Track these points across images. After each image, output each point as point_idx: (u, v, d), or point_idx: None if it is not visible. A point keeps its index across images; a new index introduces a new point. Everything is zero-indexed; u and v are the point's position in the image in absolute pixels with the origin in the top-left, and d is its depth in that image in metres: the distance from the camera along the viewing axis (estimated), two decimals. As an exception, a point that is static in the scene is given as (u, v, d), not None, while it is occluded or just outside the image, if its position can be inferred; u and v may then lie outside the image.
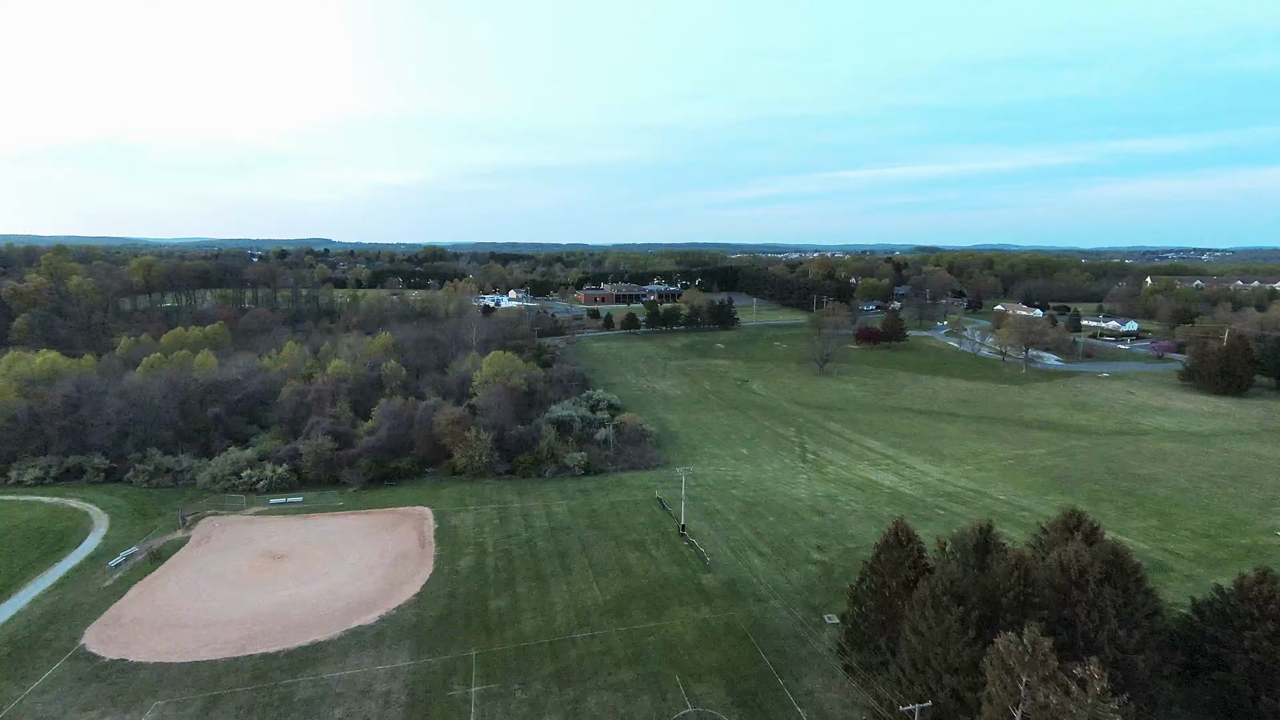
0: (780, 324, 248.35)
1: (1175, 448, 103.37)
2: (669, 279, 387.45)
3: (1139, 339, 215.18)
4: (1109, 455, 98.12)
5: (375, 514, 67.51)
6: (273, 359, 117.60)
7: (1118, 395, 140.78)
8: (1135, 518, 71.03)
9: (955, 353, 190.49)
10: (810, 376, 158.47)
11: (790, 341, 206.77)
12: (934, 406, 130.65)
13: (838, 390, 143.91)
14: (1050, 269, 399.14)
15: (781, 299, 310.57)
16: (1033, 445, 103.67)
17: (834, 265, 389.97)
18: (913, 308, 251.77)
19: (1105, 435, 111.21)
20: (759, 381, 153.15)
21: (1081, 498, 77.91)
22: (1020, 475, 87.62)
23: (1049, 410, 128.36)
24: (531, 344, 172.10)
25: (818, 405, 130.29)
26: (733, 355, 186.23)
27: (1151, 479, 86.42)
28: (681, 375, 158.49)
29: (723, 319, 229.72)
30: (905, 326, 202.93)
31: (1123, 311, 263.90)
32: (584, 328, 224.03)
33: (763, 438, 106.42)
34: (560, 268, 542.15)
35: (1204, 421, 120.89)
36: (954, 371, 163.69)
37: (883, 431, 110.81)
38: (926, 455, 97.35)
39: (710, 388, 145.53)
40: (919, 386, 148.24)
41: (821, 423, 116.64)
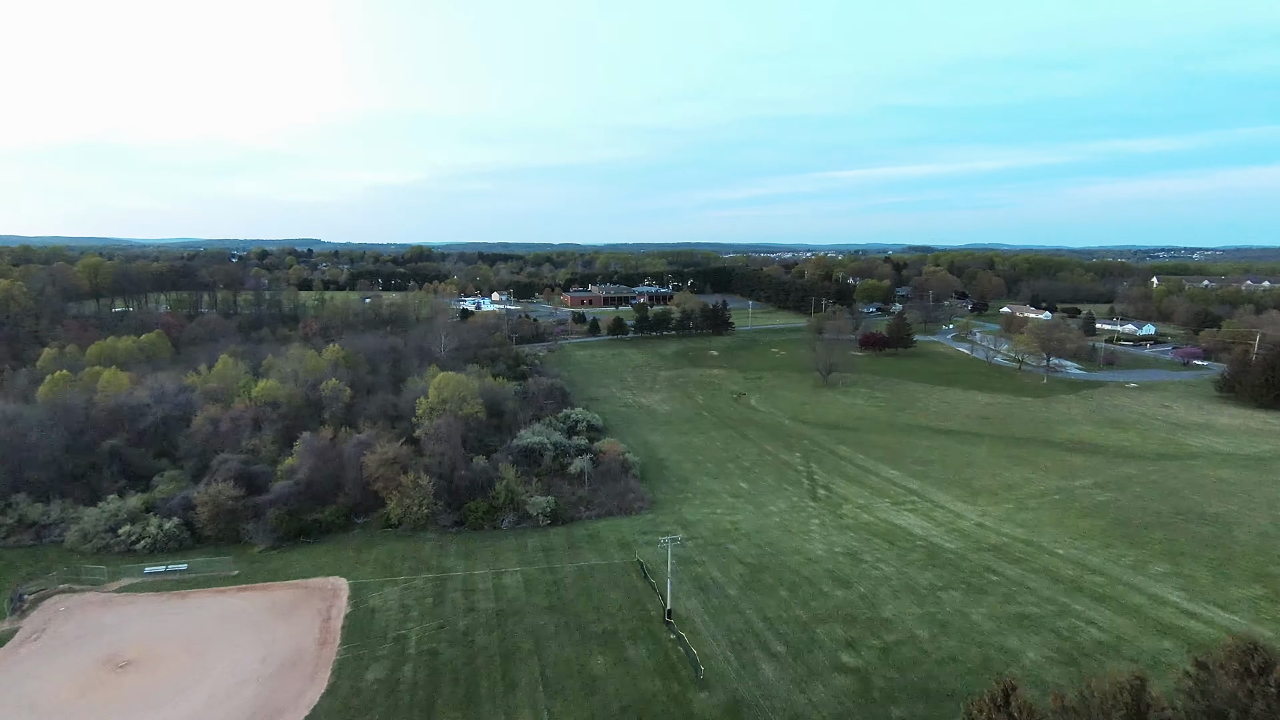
0: (777, 328, 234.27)
1: (1235, 476, 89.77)
2: (660, 280, 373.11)
3: (1158, 343, 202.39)
4: (1166, 488, 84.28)
5: (275, 589, 52.61)
6: (201, 376, 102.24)
7: (1153, 410, 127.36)
8: (1234, 582, 56.97)
9: (967, 360, 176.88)
10: (813, 388, 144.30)
11: (789, 348, 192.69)
12: (953, 425, 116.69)
13: (845, 405, 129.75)
14: (1053, 269, 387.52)
15: (778, 301, 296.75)
16: (1075, 474, 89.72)
17: (831, 265, 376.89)
18: (917, 310, 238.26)
19: (1151, 460, 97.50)
20: (757, 395, 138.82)
21: (1156, 550, 63.92)
22: (1072, 517, 73.56)
23: (1081, 428, 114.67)
24: (508, 353, 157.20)
25: (824, 424, 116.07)
26: (727, 364, 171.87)
27: (1227, 521, 72.59)
28: (672, 388, 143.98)
29: (716, 323, 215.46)
30: (912, 331, 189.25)
31: (1136, 313, 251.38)
32: (568, 333, 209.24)
33: (764, 466, 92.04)
34: (549, 268, 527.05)
35: (1256, 442, 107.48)
36: (970, 382, 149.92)
37: (901, 457, 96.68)
38: (956, 489, 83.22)
39: (703, 403, 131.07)
40: (934, 400, 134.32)
41: (830, 446, 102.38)
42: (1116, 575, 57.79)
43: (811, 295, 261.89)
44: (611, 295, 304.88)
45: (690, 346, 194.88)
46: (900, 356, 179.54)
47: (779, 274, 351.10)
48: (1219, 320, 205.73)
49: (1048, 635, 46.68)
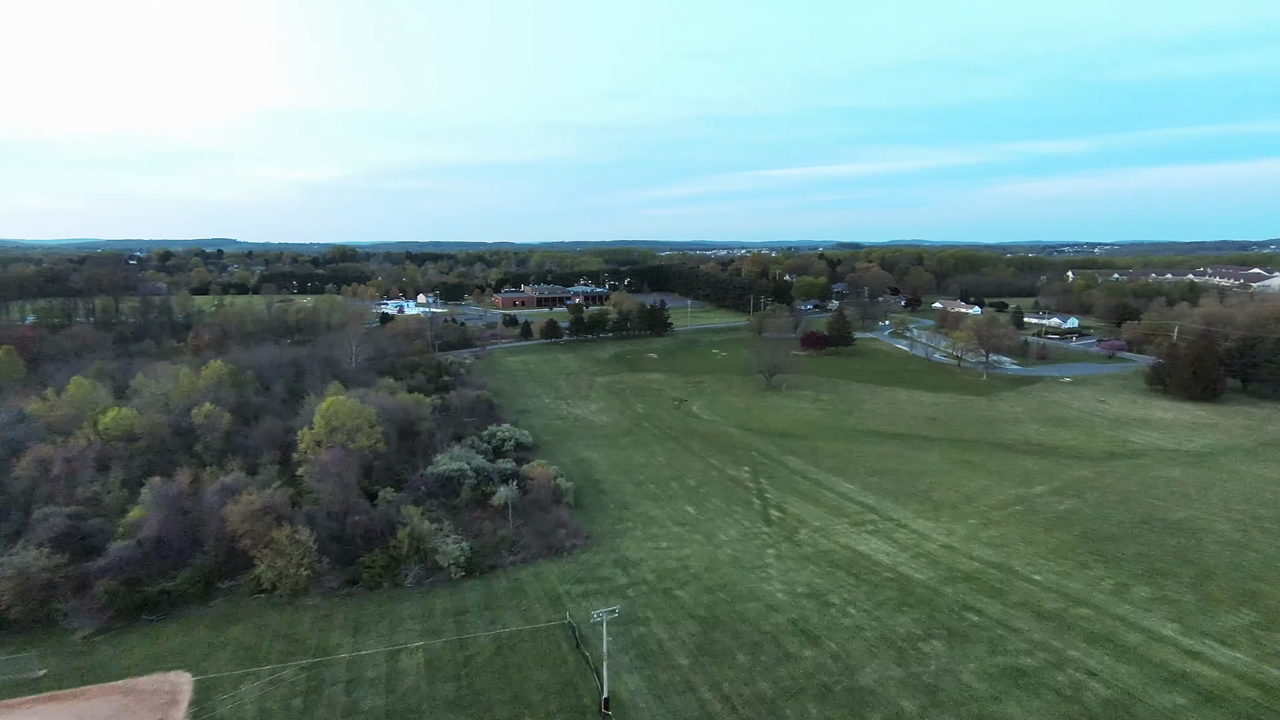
0: (717, 327, 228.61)
1: (1185, 475, 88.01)
2: (596, 279, 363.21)
3: (1083, 336, 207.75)
4: (1122, 492, 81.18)
5: (90, 697, 40.11)
6: (48, 402, 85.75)
7: (1091, 405, 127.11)
8: (1222, 606, 52.36)
9: (907, 358, 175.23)
10: (757, 392, 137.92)
11: (730, 348, 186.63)
12: (902, 427, 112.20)
13: (791, 410, 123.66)
14: (977, 264, 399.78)
15: (716, 300, 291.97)
16: (1030, 480, 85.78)
17: (767, 263, 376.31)
18: (854, 307, 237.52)
19: (1101, 461, 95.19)
20: (700, 401, 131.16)
21: (1132, 569, 59.16)
22: (1039, 532, 68.61)
23: (1027, 428, 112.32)
24: (429, 362, 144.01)
25: (771, 432, 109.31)
26: (667, 367, 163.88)
27: (1192, 529, 69.30)
28: (609, 395, 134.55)
29: (655, 324, 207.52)
30: (852, 329, 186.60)
31: (1058, 307, 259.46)
32: (498, 337, 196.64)
33: (711, 485, 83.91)
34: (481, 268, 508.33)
35: (1194, 437, 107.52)
36: (912, 381, 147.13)
37: (854, 467, 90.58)
38: (916, 503, 77.37)
39: (643, 411, 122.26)
40: (879, 401, 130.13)
41: (779, 458, 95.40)
42: (1102, 605, 52.25)
43: (750, 293, 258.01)
44: (546, 296, 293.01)
45: (628, 349, 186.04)
46: (842, 355, 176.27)
47: (716, 272, 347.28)
48: (1137, 313, 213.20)
49: (1049, 697, 39.98)
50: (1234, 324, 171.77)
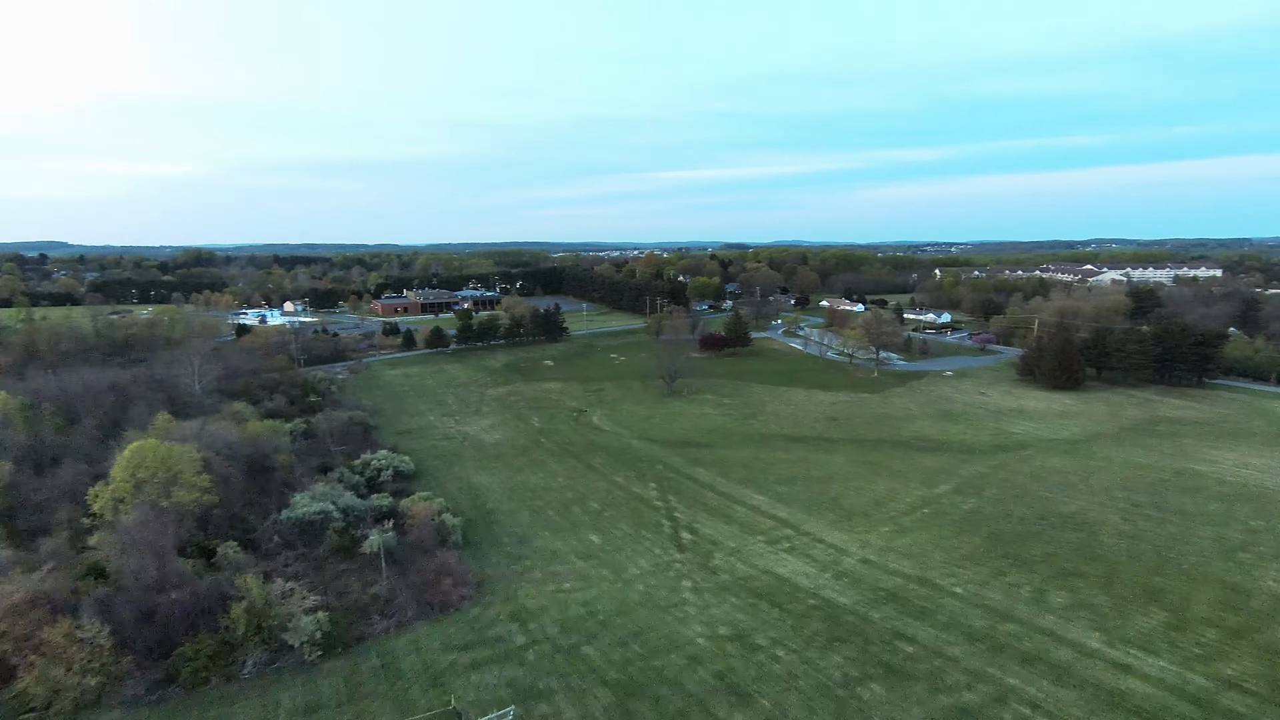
0: (614, 331, 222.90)
1: (1065, 465, 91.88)
2: (487, 282, 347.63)
3: (956, 330, 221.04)
4: (1016, 486, 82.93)
5: None
6: None
7: (972, 398, 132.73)
8: (1133, 606, 52.24)
9: (801, 356, 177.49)
10: (659, 398, 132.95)
11: (628, 353, 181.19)
12: (805, 430, 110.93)
13: (694, 416, 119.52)
14: (856, 263, 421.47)
15: (611, 302, 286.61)
16: (932, 479, 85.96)
17: (661, 264, 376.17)
18: (748, 307, 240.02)
19: (990, 454, 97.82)
20: (600, 410, 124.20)
21: (1044, 572, 58.64)
22: (949, 537, 67.52)
23: (921, 424, 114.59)
24: (292, 381, 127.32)
25: (675, 441, 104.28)
26: (565, 375, 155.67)
27: (1085, 521, 70.99)
28: (503, 409, 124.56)
29: (550, 329, 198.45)
30: (749, 329, 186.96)
31: (931, 303, 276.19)
32: (377, 348, 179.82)
33: (617, 507, 77.12)
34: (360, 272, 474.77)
35: (1064, 424, 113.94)
36: (809, 380, 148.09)
37: (763, 477, 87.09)
38: (828, 512, 74.55)
39: (540, 426, 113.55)
40: (780, 403, 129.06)
41: (686, 470, 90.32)
42: (1026, 618, 50.51)
43: (646, 295, 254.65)
44: (431, 301, 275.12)
45: (522, 357, 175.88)
46: (740, 356, 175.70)
47: (611, 274, 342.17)
48: (1000, 307, 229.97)
49: (1000, 741, 36.39)
50: (1082, 316, 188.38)
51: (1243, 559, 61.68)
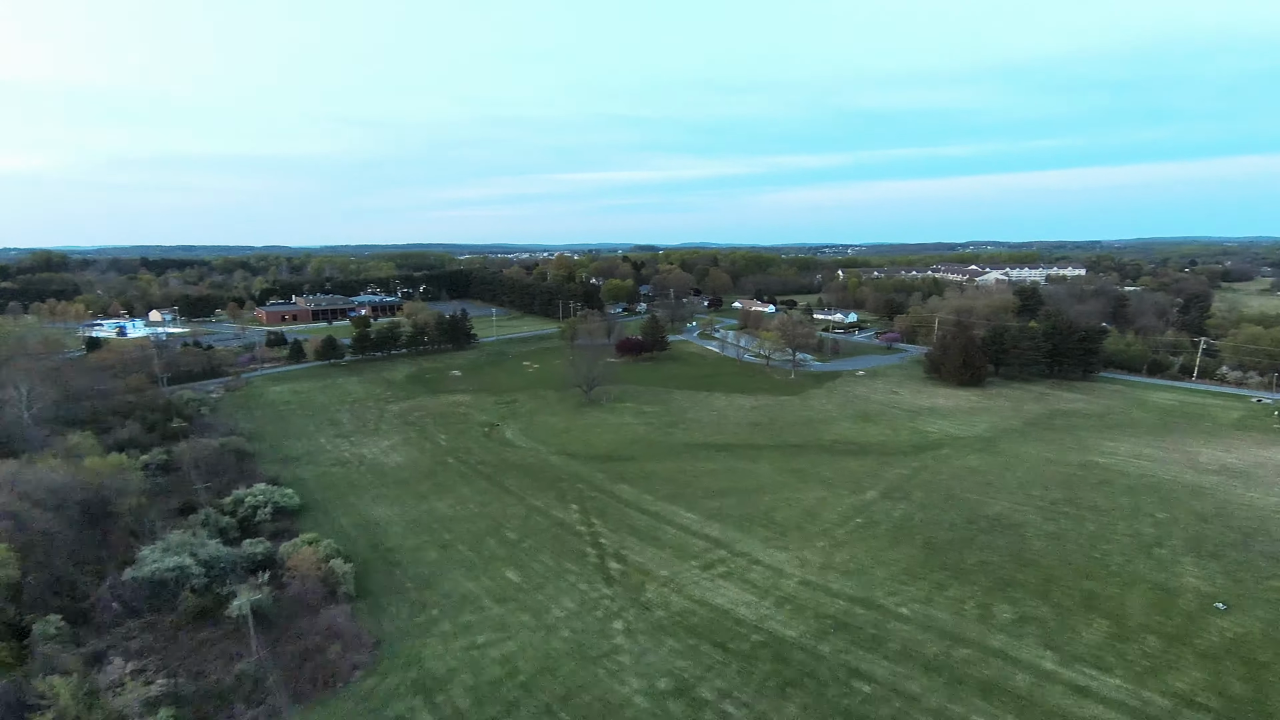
0: (526, 336, 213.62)
1: (981, 463, 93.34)
2: (387, 286, 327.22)
3: (862, 329, 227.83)
4: (940, 489, 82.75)
5: None
6: None
7: (886, 397, 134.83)
8: (1076, 617, 51.13)
9: (719, 359, 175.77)
10: (576, 408, 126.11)
11: (542, 359, 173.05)
12: (729, 437, 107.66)
13: (614, 427, 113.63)
14: (764, 264, 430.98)
15: (522, 306, 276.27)
16: (859, 484, 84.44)
17: (573, 266, 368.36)
18: (663, 309, 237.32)
19: (910, 454, 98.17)
20: (514, 424, 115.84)
21: (984, 583, 57.07)
22: (885, 548, 65.27)
23: (842, 426, 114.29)
24: (152, 404, 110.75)
25: (596, 455, 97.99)
26: (474, 385, 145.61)
27: (1011, 523, 71.02)
28: (406, 427, 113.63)
29: (457, 336, 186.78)
30: (666, 333, 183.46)
31: (838, 302, 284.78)
32: (260, 362, 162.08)
33: (536, 535, 69.88)
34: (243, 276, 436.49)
35: (974, 421, 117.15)
36: (729, 384, 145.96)
37: (691, 491, 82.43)
38: (761, 528, 70.71)
39: (448, 444, 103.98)
40: (702, 409, 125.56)
41: (609, 488, 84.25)
42: (977, 638, 48.08)
43: (558, 298, 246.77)
44: (324, 307, 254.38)
45: (427, 367, 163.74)
46: (658, 361, 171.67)
47: (521, 276, 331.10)
48: (902, 306, 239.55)
49: (979, 799, 32.68)
50: (977, 314, 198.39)
51: (1160, 555, 62.91)
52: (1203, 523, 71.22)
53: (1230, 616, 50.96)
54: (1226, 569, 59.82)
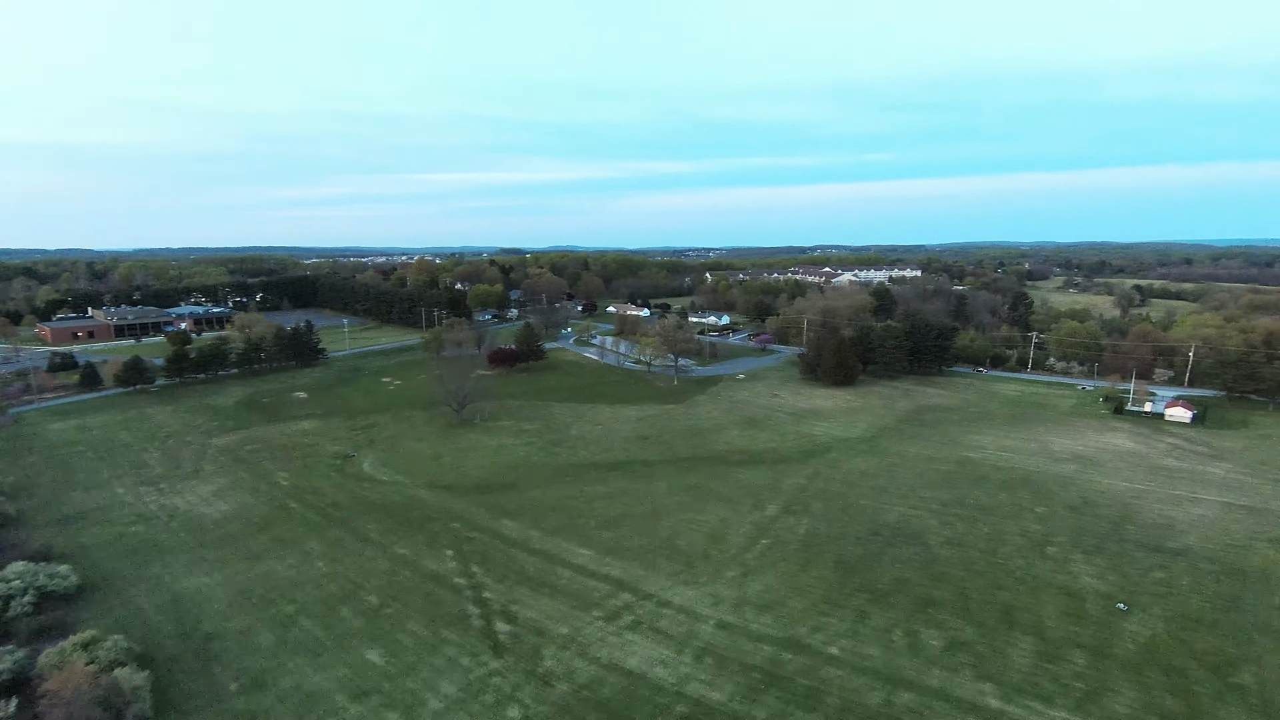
0: (385, 349, 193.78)
1: (870, 466, 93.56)
2: (215, 296, 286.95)
3: (736, 331, 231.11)
4: (837, 498, 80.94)
5: None
6: None
7: (768, 400, 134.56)
8: (999, 636, 49.09)
9: (599, 367, 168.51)
10: (447, 430, 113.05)
11: (405, 375, 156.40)
12: (619, 454, 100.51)
13: (492, 450, 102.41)
14: (635, 267, 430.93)
15: (380, 315, 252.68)
16: (759, 499, 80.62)
17: (436, 270, 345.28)
18: (537, 316, 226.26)
19: (801, 460, 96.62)
20: (373, 454, 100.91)
21: (906, 607, 54.11)
22: (797, 572, 61.09)
23: (730, 434, 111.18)
24: None
25: (473, 485, 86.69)
26: (323, 409, 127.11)
27: (912, 531, 69.93)
28: (235, 466, 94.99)
29: (301, 351, 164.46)
30: (542, 341, 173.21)
31: (709, 305, 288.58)
32: (36, 392, 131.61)
33: (403, 597, 58.18)
34: (25, 285, 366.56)
35: (854, 421, 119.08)
36: (612, 394, 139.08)
37: (584, 521, 74.13)
38: (665, 561, 64.03)
39: (290, 484, 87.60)
40: (586, 423, 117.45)
41: (491, 524, 73.76)
42: (914, 677, 44.26)
43: (420, 305, 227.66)
44: (131, 322, 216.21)
45: (264, 390, 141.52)
46: (534, 371, 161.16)
47: (378, 282, 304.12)
48: (771, 308, 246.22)
49: None
50: (840, 315, 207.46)
51: (1053, 554, 63.94)
52: (1075, 514, 74.41)
53: (1133, 617, 51.44)
54: (1111, 563, 61.67)
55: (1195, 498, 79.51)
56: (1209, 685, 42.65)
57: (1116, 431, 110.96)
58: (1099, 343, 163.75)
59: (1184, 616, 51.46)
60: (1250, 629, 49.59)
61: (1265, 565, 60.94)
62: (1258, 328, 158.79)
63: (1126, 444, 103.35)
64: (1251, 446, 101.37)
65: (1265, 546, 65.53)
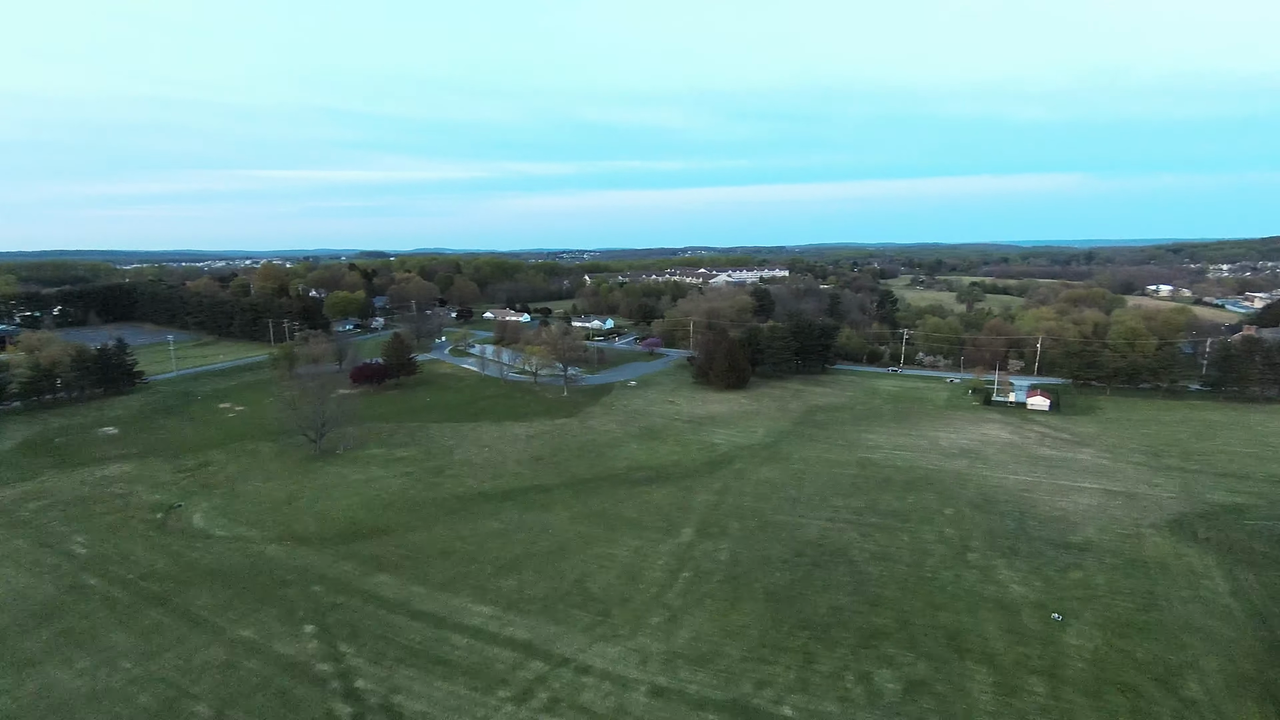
0: (223, 369, 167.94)
1: (776, 475, 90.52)
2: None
3: (621, 335, 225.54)
4: (751, 513, 76.58)
5: None
6: None
7: (664, 408, 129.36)
8: (958, 671, 45.43)
9: (480, 380, 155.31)
10: (302, 465, 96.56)
11: (249, 399, 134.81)
12: (509, 480, 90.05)
13: (360, 485, 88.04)
14: (512, 270, 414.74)
15: (218, 328, 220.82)
16: (671, 524, 74.18)
17: (286, 276, 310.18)
18: (406, 325, 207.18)
19: (707, 473, 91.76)
20: (206, 503, 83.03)
21: (849, 642, 49.53)
22: (727, 610, 55.02)
23: (630, 448, 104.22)
24: None
25: (338, 534, 72.82)
26: (140, 448, 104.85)
27: (835, 548, 66.58)
28: (8, 534, 73.83)
29: (111, 376, 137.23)
30: (414, 353, 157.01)
31: (592, 309, 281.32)
32: None
33: (247, 701, 45.05)
34: None
35: (752, 426, 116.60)
36: (497, 409, 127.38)
37: (477, 568, 63.65)
38: (579, 611, 55.49)
39: (89, 552, 68.90)
40: (471, 445, 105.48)
41: (362, 585, 61.17)
42: (881, 736, 39.01)
43: (267, 316, 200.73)
44: None
45: (58, 427, 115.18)
46: (407, 388, 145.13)
47: (214, 290, 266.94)
48: (654, 310, 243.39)
49: None
50: (724, 316, 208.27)
51: (974, 560, 62.72)
52: (981, 513, 74.81)
53: (1071, 628, 50.20)
54: (1030, 565, 61.32)
55: (1078, 487, 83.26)
56: (1166, 703, 41.29)
57: (991, 423, 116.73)
58: (960, 337, 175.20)
59: (1114, 622, 50.95)
60: (1175, 629, 49.82)
61: (1159, 555, 63.26)
62: (1087, 319, 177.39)
63: (1003, 435, 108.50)
64: (1104, 431, 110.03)
65: (1151, 533, 68.65)
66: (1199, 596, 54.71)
